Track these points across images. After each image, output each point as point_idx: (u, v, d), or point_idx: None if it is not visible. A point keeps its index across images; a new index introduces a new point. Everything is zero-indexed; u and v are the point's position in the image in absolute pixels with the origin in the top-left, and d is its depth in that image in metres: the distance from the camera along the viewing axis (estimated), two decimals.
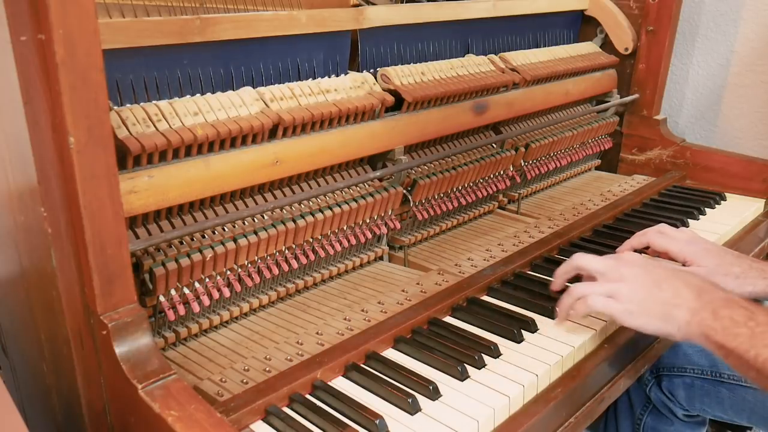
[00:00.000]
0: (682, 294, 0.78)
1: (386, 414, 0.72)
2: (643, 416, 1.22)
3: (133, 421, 0.67)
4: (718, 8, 1.57)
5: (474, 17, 1.24)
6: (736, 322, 0.72)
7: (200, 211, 0.87)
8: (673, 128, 1.63)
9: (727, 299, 0.76)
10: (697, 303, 0.76)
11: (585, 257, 0.87)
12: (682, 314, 0.76)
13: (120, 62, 0.80)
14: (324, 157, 0.98)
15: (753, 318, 0.72)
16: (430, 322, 0.90)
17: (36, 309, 0.78)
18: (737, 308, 0.74)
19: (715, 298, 0.76)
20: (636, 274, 0.81)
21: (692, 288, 0.78)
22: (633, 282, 0.81)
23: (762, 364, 0.69)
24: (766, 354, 0.69)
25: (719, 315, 0.74)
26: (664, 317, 0.77)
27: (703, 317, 0.75)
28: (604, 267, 0.84)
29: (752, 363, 0.70)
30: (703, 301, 0.76)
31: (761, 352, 0.69)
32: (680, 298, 0.77)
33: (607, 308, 0.80)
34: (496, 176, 1.29)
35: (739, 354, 0.71)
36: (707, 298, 0.76)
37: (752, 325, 0.71)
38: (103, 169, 0.62)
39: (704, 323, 0.74)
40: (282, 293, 0.99)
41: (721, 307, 0.74)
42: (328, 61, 1.04)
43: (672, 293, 0.78)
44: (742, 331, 0.72)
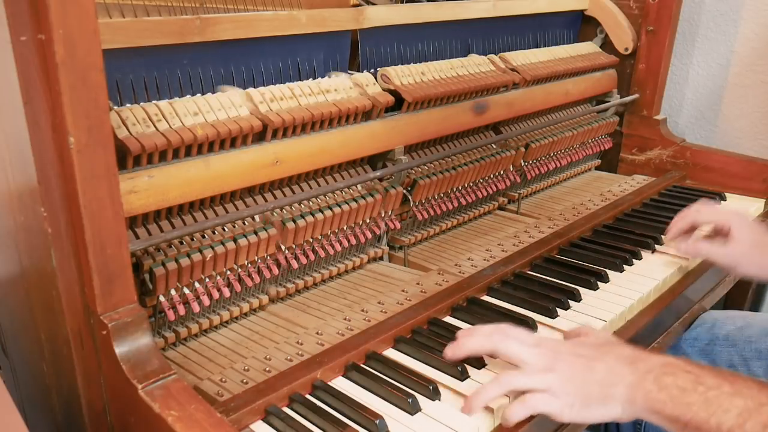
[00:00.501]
0: (617, 370, 0.69)
1: (386, 414, 0.72)
2: None
3: (133, 421, 0.67)
4: (718, 8, 1.57)
5: (474, 17, 1.24)
6: (684, 389, 0.65)
7: (200, 211, 0.88)
8: (673, 128, 1.63)
9: (666, 364, 0.68)
10: (633, 376, 0.68)
11: (505, 342, 0.74)
12: (621, 392, 0.68)
13: (120, 62, 0.80)
14: (324, 157, 0.98)
15: (701, 382, 0.65)
16: (430, 322, 0.90)
17: (36, 309, 0.78)
18: (681, 373, 0.67)
19: (653, 366, 0.68)
20: (566, 361, 0.72)
21: (624, 360, 0.70)
22: (564, 370, 0.71)
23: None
24: (730, 420, 0.62)
25: (663, 384, 0.66)
26: (604, 401, 0.69)
27: (646, 390, 0.67)
28: (530, 357, 0.73)
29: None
30: (641, 371, 0.68)
31: (723, 420, 0.62)
32: (616, 376, 0.69)
33: (547, 407, 0.70)
34: (496, 176, 1.29)
35: (697, 425, 0.63)
36: (644, 368, 0.69)
37: (702, 389, 0.64)
38: (103, 169, 0.62)
39: (649, 396, 0.66)
40: (282, 293, 0.99)
41: (663, 375, 0.67)
42: (328, 61, 1.04)
43: (606, 372, 0.70)
44: (694, 398, 0.64)
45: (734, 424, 0.61)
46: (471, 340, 0.77)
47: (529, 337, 0.76)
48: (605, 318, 0.90)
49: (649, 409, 0.67)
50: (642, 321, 0.94)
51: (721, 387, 0.64)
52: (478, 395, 0.72)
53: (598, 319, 0.90)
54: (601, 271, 1.02)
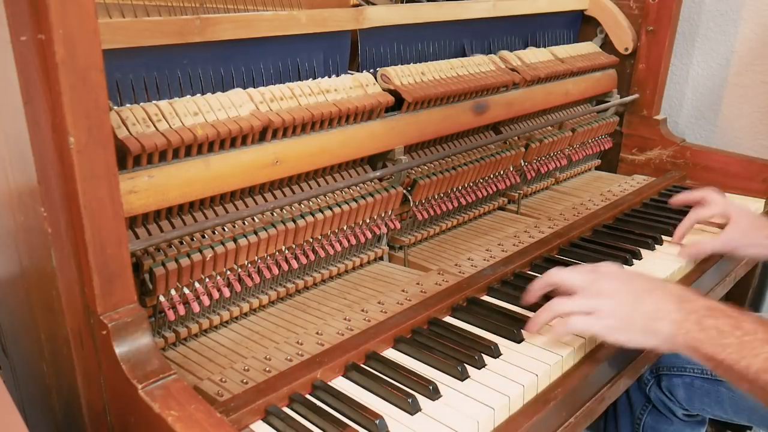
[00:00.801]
0: (664, 306, 0.76)
1: (386, 414, 0.72)
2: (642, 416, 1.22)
3: (133, 421, 0.67)
4: (718, 8, 1.57)
5: (474, 17, 1.24)
6: (723, 332, 0.71)
7: (200, 211, 0.87)
8: (673, 128, 1.63)
9: (710, 307, 0.74)
10: (679, 314, 0.74)
11: (561, 272, 0.84)
12: (666, 327, 0.75)
13: (120, 62, 0.80)
14: (324, 157, 0.98)
15: (739, 326, 0.71)
16: (430, 322, 0.90)
17: (36, 309, 0.78)
18: (722, 317, 0.72)
19: (698, 307, 0.74)
20: (615, 288, 0.79)
21: (673, 299, 0.76)
22: (613, 296, 0.78)
23: (755, 374, 0.67)
24: (758, 363, 0.67)
25: (704, 325, 0.72)
26: (646, 331, 0.76)
27: (688, 329, 0.73)
28: (582, 282, 0.81)
29: (744, 373, 0.68)
30: (686, 311, 0.74)
31: (752, 362, 0.68)
32: (662, 311, 0.76)
33: (587, 327, 0.78)
34: (496, 176, 1.29)
35: (729, 365, 0.69)
36: (689, 308, 0.75)
37: (739, 334, 0.70)
38: (103, 169, 0.62)
39: (690, 335, 0.73)
40: (282, 293, 0.99)
41: (705, 317, 0.73)
42: (328, 61, 1.04)
43: (653, 306, 0.76)
44: (730, 341, 0.70)
45: (761, 367, 0.67)
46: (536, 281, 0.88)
47: (585, 267, 0.85)
48: None
49: (688, 345, 0.73)
50: None
51: (757, 333, 0.70)
52: (533, 321, 0.83)
53: None
54: None
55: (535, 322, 0.83)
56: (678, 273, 1.07)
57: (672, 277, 1.05)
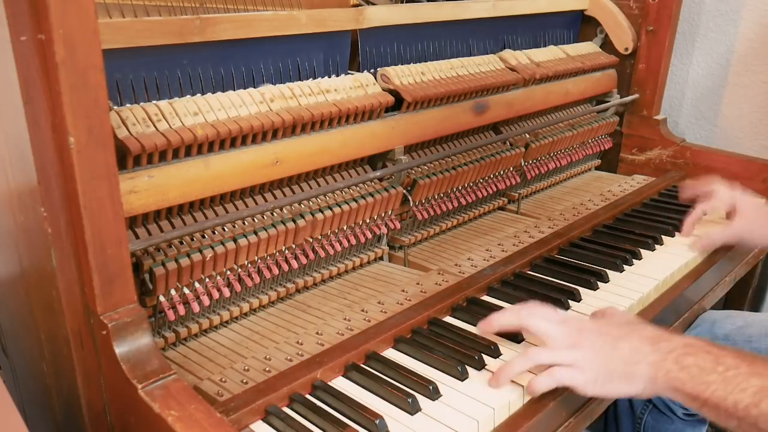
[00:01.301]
0: (640, 349, 0.73)
1: (386, 414, 0.72)
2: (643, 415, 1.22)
3: (133, 421, 0.67)
4: (718, 8, 1.57)
5: (474, 17, 1.24)
6: (704, 369, 0.68)
7: (200, 211, 0.87)
8: (673, 128, 1.63)
9: (688, 344, 0.71)
10: (656, 355, 0.71)
11: (534, 319, 0.78)
12: (644, 369, 0.71)
13: (120, 62, 0.80)
14: (324, 157, 0.98)
15: (720, 362, 0.68)
16: (430, 322, 0.90)
17: (36, 309, 0.78)
18: (701, 353, 0.69)
19: (675, 346, 0.71)
20: (590, 339, 0.75)
21: (647, 340, 0.73)
22: (590, 347, 0.75)
23: (744, 410, 0.65)
24: (746, 399, 0.65)
25: (684, 364, 0.69)
26: (627, 378, 0.72)
27: (667, 369, 0.70)
28: (556, 333, 0.76)
29: (732, 411, 0.65)
30: (663, 351, 0.71)
31: (740, 398, 0.65)
32: (639, 354, 0.72)
33: (572, 381, 0.74)
34: (496, 176, 1.29)
35: (715, 403, 0.66)
36: (666, 348, 0.72)
37: (721, 369, 0.67)
38: (103, 169, 0.62)
39: (670, 375, 0.70)
40: (282, 293, 0.99)
41: (684, 355, 0.70)
42: (328, 61, 1.04)
43: (629, 351, 0.73)
44: (713, 378, 0.67)
45: (750, 402, 0.64)
46: (501, 316, 0.81)
47: (556, 315, 0.79)
48: None
49: (669, 387, 0.70)
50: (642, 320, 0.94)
51: (739, 367, 0.67)
52: (505, 369, 0.76)
53: None
54: (601, 271, 1.03)
55: (509, 370, 0.76)
56: (678, 273, 1.07)
57: (672, 277, 1.05)
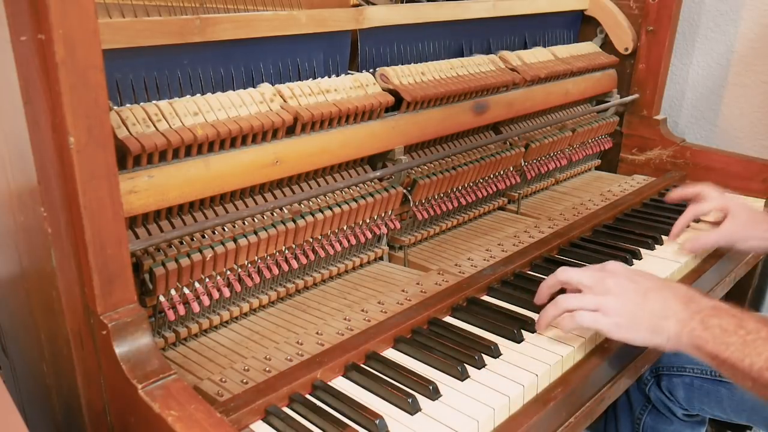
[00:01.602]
0: (670, 305, 0.77)
1: (386, 414, 0.72)
2: (642, 416, 1.22)
3: (133, 421, 0.67)
4: (718, 8, 1.57)
5: (474, 17, 1.24)
6: (726, 330, 0.72)
7: (200, 211, 0.88)
8: (673, 128, 1.63)
9: (715, 307, 0.75)
10: (685, 313, 0.75)
11: (570, 270, 0.86)
12: (672, 325, 0.75)
13: (120, 62, 0.80)
14: (324, 157, 0.98)
15: (742, 326, 0.71)
16: (430, 322, 0.90)
17: (36, 309, 0.78)
18: (726, 316, 0.73)
19: (703, 307, 0.75)
20: (623, 286, 0.80)
21: (679, 298, 0.77)
22: (620, 294, 0.79)
23: (758, 372, 0.68)
24: (761, 362, 0.68)
25: (708, 324, 0.73)
26: (653, 329, 0.77)
27: (692, 327, 0.74)
28: (590, 280, 0.82)
29: (747, 372, 0.69)
30: (691, 310, 0.75)
31: (755, 361, 0.69)
32: (669, 310, 0.76)
33: (594, 323, 0.79)
34: (496, 176, 1.29)
35: (732, 363, 0.70)
36: (695, 308, 0.75)
37: (743, 333, 0.71)
38: (103, 169, 0.62)
39: (694, 333, 0.73)
40: (282, 293, 0.99)
41: (710, 316, 0.74)
42: (328, 61, 1.04)
43: (660, 304, 0.77)
44: (733, 339, 0.71)
45: (764, 366, 0.68)
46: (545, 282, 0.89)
47: (593, 266, 0.86)
48: None
49: (692, 344, 0.74)
50: None
51: (760, 332, 0.70)
52: (541, 317, 0.85)
53: None
54: None
55: (544, 317, 0.84)
56: (678, 273, 1.07)
57: (672, 276, 1.05)
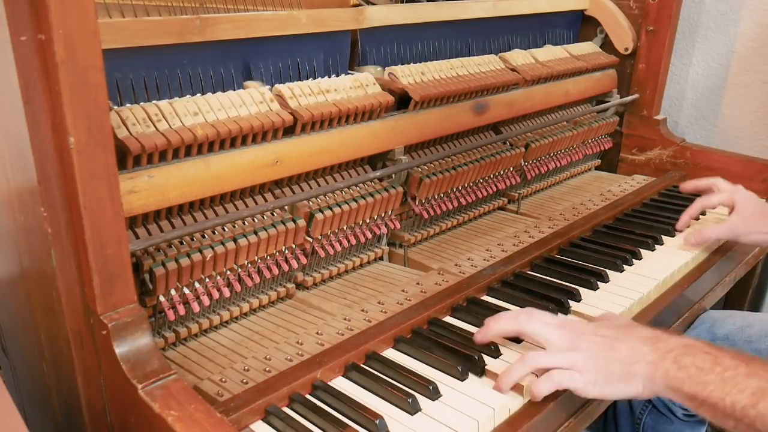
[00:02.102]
0: (639, 349, 0.73)
1: (386, 414, 0.72)
2: (642, 416, 1.22)
3: (133, 421, 0.67)
4: (718, 8, 1.57)
5: (474, 17, 1.24)
6: (702, 369, 0.68)
7: (200, 211, 0.88)
8: (673, 128, 1.63)
9: (686, 345, 0.71)
10: (654, 354, 0.71)
11: (531, 323, 0.78)
12: (642, 369, 0.71)
13: (120, 62, 0.80)
14: (324, 157, 0.98)
15: (719, 362, 0.68)
16: (430, 322, 0.90)
17: (36, 309, 0.78)
18: (699, 354, 0.69)
19: (674, 346, 0.72)
20: (589, 340, 0.76)
21: (645, 341, 0.73)
22: (588, 349, 0.75)
23: (741, 411, 0.64)
24: (744, 399, 0.64)
25: (682, 364, 0.69)
26: (625, 378, 0.72)
27: (666, 368, 0.70)
28: (555, 337, 0.77)
29: (729, 411, 0.65)
30: (661, 351, 0.71)
31: (738, 399, 0.65)
32: (637, 354, 0.72)
33: (572, 382, 0.73)
34: (496, 176, 1.29)
35: (713, 403, 0.66)
36: (664, 347, 0.72)
37: (719, 370, 0.67)
38: (103, 169, 0.62)
39: (669, 375, 0.69)
40: (282, 293, 0.99)
41: (683, 355, 0.70)
42: (328, 61, 1.04)
43: (628, 351, 0.73)
44: (711, 377, 0.67)
45: (747, 403, 0.64)
46: (498, 323, 0.81)
47: (554, 319, 0.79)
48: None
49: (668, 386, 0.70)
50: (642, 321, 0.93)
51: (738, 368, 0.67)
52: (507, 374, 0.76)
53: None
54: (601, 271, 1.02)
55: (510, 376, 0.76)
56: (678, 273, 1.07)
57: (673, 276, 1.05)
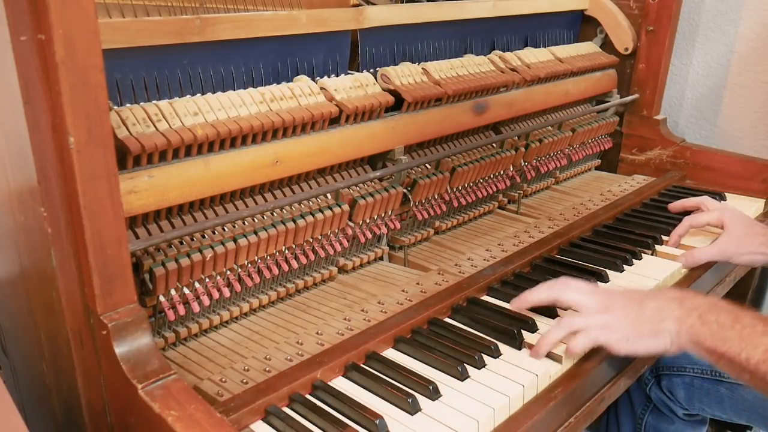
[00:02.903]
0: (666, 307, 0.79)
1: (386, 414, 0.72)
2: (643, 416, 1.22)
3: (133, 421, 0.67)
4: (718, 8, 1.57)
5: (474, 17, 1.24)
6: (723, 325, 0.74)
7: (200, 211, 0.88)
8: (673, 128, 1.63)
9: (711, 303, 0.77)
10: (681, 311, 0.78)
11: (567, 291, 0.85)
12: (671, 325, 0.78)
13: (120, 62, 0.80)
14: (324, 157, 0.98)
15: (739, 320, 0.73)
16: (430, 322, 0.90)
17: (36, 309, 0.78)
18: (722, 312, 0.75)
19: (699, 304, 0.78)
20: (619, 302, 0.82)
21: (674, 299, 0.80)
22: (618, 310, 0.81)
23: (755, 366, 0.70)
24: (757, 355, 0.70)
25: (706, 320, 0.75)
26: (655, 334, 0.78)
27: (690, 324, 0.76)
28: (587, 301, 0.83)
29: (744, 365, 0.71)
30: (687, 308, 0.77)
31: (752, 354, 0.70)
32: (665, 311, 0.79)
33: (606, 339, 0.80)
34: (496, 176, 1.29)
35: (730, 357, 0.72)
36: (690, 305, 0.78)
37: (739, 327, 0.73)
38: (103, 169, 0.62)
39: (692, 330, 0.76)
40: (282, 293, 0.99)
41: (706, 312, 0.76)
42: (328, 61, 1.04)
43: (657, 310, 0.80)
44: (730, 334, 0.73)
45: (760, 359, 0.69)
46: (534, 292, 0.88)
47: (587, 286, 0.86)
48: None
49: (691, 340, 0.76)
50: None
51: (756, 326, 0.72)
52: (544, 339, 0.82)
53: None
54: (601, 271, 1.02)
55: (548, 340, 0.82)
56: (678, 274, 1.07)
57: (672, 277, 1.05)
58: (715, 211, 1.13)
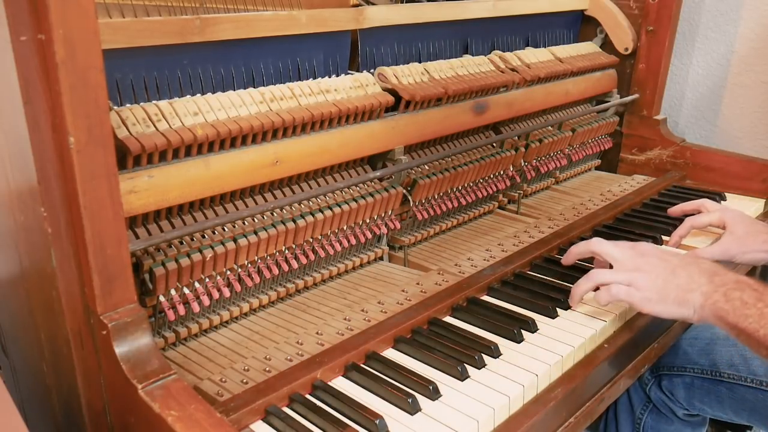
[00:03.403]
0: (696, 279, 0.82)
1: (386, 414, 0.72)
2: (643, 416, 1.22)
3: (133, 421, 0.67)
4: (718, 8, 1.57)
5: (474, 17, 1.24)
6: (746, 303, 0.77)
7: (200, 211, 0.88)
8: (673, 128, 1.63)
9: (739, 281, 0.80)
10: (709, 286, 0.81)
11: (603, 243, 0.91)
12: (697, 298, 0.81)
13: (120, 62, 0.80)
14: (324, 157, 0.98)
15: (761, 299, 0.77)
16: (430, 322, 0.90)
17: (36, 309, 0.78)
18: (747, 290, 0.78)
19: (727, 281, 0.80)
20: (652, 263, 0.86)
21: (705, 273, 0.83)
22: (650, 271, 0.85)
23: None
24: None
25: (730, 297, 0.78)
26: (680, 302, 0.82)
27: (715, 299, 0.79)
28: (621, 256, 0.88)
29: (762, 341, 0.75)
30: (715, 284, 0.81)
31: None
32: (694, 283, 0.82)
33: (628, 297, 0.85)
34: (496, 176, 1.29)
35: (749, 333, 0.76)
36: (719, 281, 0.81)
37: (761, 306, 0.76)
38: (103, 169, 0.62)
39: (717, 305, 0.79)
40: (282, 293, 0.99)
41: (733, 290, 0.79)
42: (328, 61, 1.04)
43: (686, 279, 0.83)
44: (752, 311, 0.76)
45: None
46: (575, 247, 0.97)
47: (625, 243, 0.91)
48: (605, 318, 0.90)
49: (715, 315, 0.80)
50: (642, 321, 0.94)
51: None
52: (575, 288, 0.90)
53: (598, 319, 0.90)
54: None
55: (578, 291, 0.89)
56: None
57: None
58: (716, 212, 1.13)
